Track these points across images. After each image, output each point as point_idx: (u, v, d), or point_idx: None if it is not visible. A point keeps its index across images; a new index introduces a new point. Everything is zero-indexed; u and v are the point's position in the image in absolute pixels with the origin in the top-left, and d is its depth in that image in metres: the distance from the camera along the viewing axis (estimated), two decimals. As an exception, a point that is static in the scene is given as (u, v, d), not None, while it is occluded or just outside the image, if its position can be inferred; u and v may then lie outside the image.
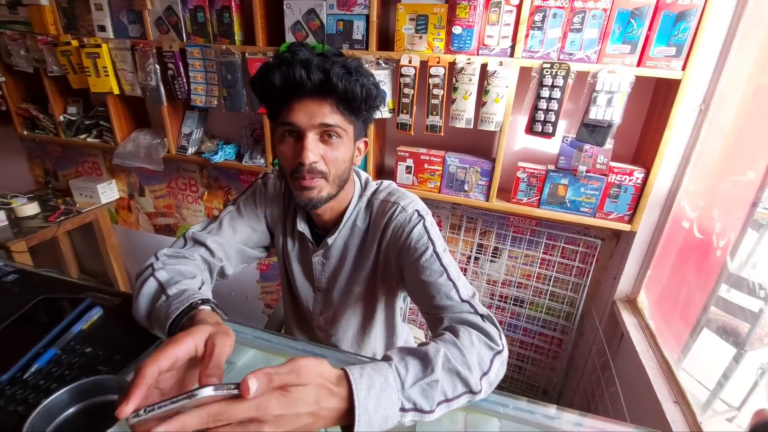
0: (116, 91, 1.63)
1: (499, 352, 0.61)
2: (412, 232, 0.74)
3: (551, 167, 1.35)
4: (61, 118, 1.81)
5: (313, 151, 0.67)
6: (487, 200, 1.41)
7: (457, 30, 1.21)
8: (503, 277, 1.67)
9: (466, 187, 1.43)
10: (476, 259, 1.68)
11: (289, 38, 1.38)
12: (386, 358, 0.53)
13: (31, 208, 1.88)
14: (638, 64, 1.15)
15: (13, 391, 0.57)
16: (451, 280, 0.69)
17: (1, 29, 1.71)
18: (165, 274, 0.66)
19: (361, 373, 0.46)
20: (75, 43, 1.58)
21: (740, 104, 1.12)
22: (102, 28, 1.55)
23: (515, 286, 1.67)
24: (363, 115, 0.72)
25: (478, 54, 1.24)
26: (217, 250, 0.80)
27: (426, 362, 0.52)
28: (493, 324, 0.65)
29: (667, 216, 1.29)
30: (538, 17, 1.16)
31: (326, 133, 0.68)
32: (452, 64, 1.26)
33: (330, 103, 0.66)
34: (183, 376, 0.46)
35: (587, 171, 1.29)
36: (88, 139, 1.83)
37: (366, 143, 0.79)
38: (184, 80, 1.54)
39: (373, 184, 0.85)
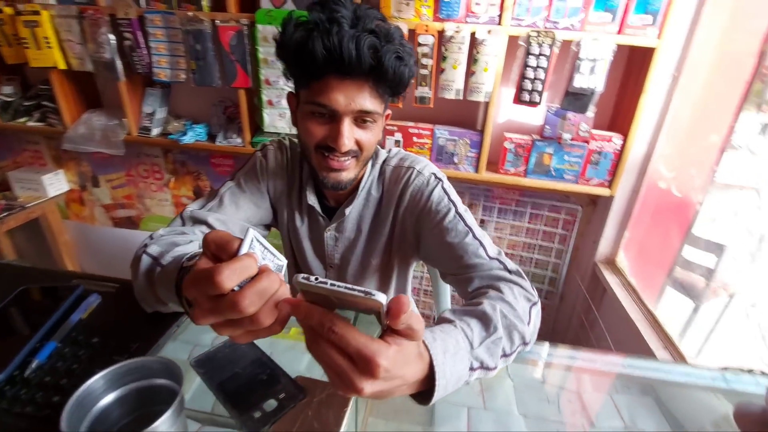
0: (62, 66, 1.44)
1: (535, 303, 0.62)
2: (432, 195, 0.73)
3: (536, 137, 1.38)
4: (-7, 99, 1.58)
5: (349, 137, 0.63)
6: (477, 172, 1.43)
7: (446, -4, 1.19)
8: (489, 248, 1.71)
9: (455, 160, 1.43)
10: (462, 232, 1.70)
11: (265, 4, 1.29)
12: (445, 321, 0.51)
13: (-39, 205, 1.64)
14: (618, 32, 1.19)
15: (14, 392, 0.49)
16: (477, 239, 0.69)
17: None
18: (157, 248, 0.59)
19: (434, 337, 0.44)
20: (9, 10, 1.37)
21: (708, 73, 1.21)
22: (40, -7, 1.36)
23: (500, 256, 1.71)
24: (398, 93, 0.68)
25: (466, 22, 1.23)
26: (220, 227, 0.73)
27: (486, 321, 0.52)
28: (523, 277, 0.66)
29: (642, 179, 1.37)
30: (525, -16, 1.17)
31: (362, 118, 0.63)
32: (441, 33, 1.23)
33: (371, 86, 0.61)
34: None
35: (571, 139, 1.34)
36: (29, 123, 1.61)
37: (388, 115, 0.74)
38: (145, 52, 1.39)
39: (383, 152, 0.82)
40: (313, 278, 0.33)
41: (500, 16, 1.21)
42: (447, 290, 1.05)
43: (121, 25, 1.34)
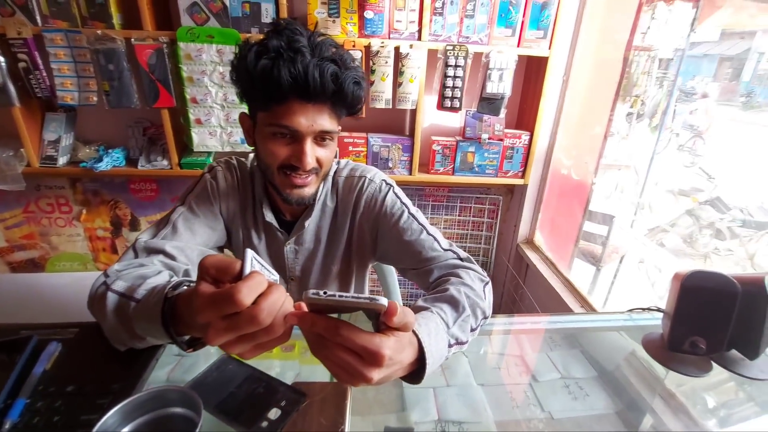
0: (-67, 94, 1.23)
1: (487, 283, 0.72)
2: (386, 200, 0.79)
3: (459, 138, 1.54)
4: None
5: (311, 156, 0.67)
6: (411, 174, 1.54)
7: (369, 14, 1.28)
8: (427, 243, 1.84)
9: (390, 164, 1.53)
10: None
11: (186, 21, 1.25)
12: (419, 309, 0.58)
13: None
14: (518, 45, 1.39)
15: (-8, 457, 0.45)
16: (430, 234, 0.77)
17: None
18: (123, 284, 0.57)
19: (419, 323, 0.50)
20: None
21: (589, 75, 1.46)
22: None
23: (438, 249, 1.85)
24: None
25: (389, 38, 1.33)
26: (179, 255, 0.70)
27: (455, 304, 0.60)
28: (473, 263, 0.76)
29: (548, 167, 1.60)
30: (438, 4, 1.30)
31: (322, 137, 0.67)
32: (368, 48, 1.32)
33: (330, 108, 0.66)
34: None
35: (489, 138, 1.52)
36: None
37: (340, 129, 0.80)
38: (44, 74, 1.26)
39: (332, 165, 0.87)
40: (322, 293, 0.37)
41: (419, 32, 1.33)
42: (396, 287, 1.13)
43: (13, 45, 1.19)
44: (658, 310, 0.77)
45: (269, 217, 0.80)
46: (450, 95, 1.41)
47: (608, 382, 0.70)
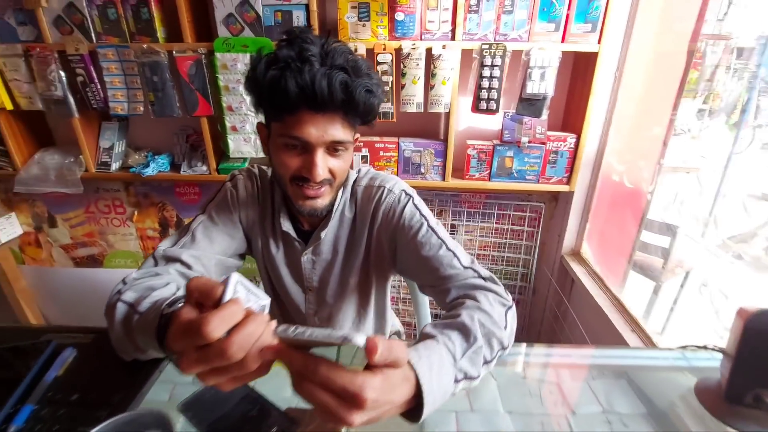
0: (9, 107, 1.38)
1: (510, 307, 0.64)
2: (404, 212, 0.75)
3: (497, 142, 1.44)
4: (-68, 145, 1.48)
5: (323, 167, 0.65)
6: (444, 180, 1.47)
7: (399, 16, 1.23)
8: (463, 252, 1.76)
9: (422, 170, 1.47)
10: (436, 238, 1.74)
11: (222, 32, 1.29)
12: (426, 336, 0.53)
13: None
14: (562, 41, 1.27)
15: (-7, 463, 0.47)
16: (450, 250, 0.71)
17: None
18: (132, 294, 0.58)
19: (419, 355, 0.46)
20: (-57, 52, 1.30)
21: (646, 70, 1.31)
22: (-21, 33, 1.30)
23: (474, 258, 1.76)
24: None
25: (421, 39, 1.28)
26: (195, 264, 0.72)
27: (466, 332, 0.54)
28: (497, 283, 0.68)
29: (598, 173, 1.46)
30: (473, 1, 1.23)
31: (334, 147, 0.66)
32: (398, 50, 1.28)
33: (342, 117, 0.64)
34: None
35: (529, 142, 1.41)
36: (-25, 168, 1.52)
37: (358, 138, 0.75)
38: (99, 87, 1.35)
39: (353, 173, 0.84)
40: (291, 330, 0.34)
41: (453, 31, 1.27)
42: (425, 299, 1.08)
43: (72, 61, 1.30)
44: (718, 350, 0.65)
45: (287, 226, 0.79)
46: (486, 96, 1.33)
47: (659, 422, 0.60)
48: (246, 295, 0.39)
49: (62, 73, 1.31)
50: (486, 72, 1.29)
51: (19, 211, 1.80)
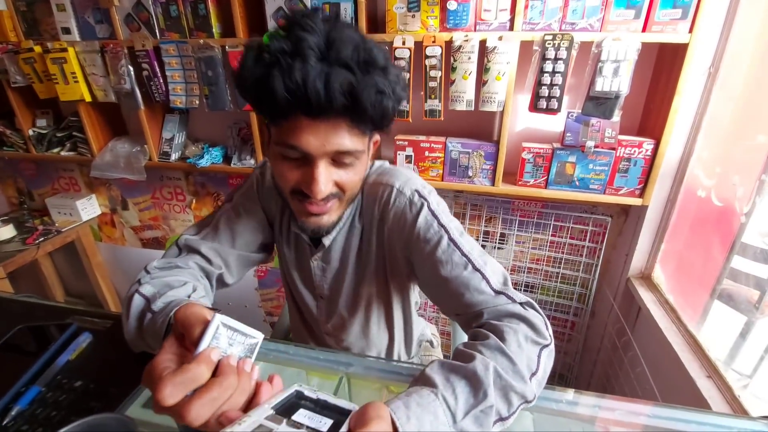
0: (88, 98, 1.52)
1: (546, 346, 0.53)
2: (418, 221, 0.63)
3: (557, 145, 1.29)
4: (31, 132, 1.68)
5: (326, 181, 0.55)
6: (493, 185, 1.35)
7: (452, 5, 1.14)
8: (512, 263, 1.62)
9: (470, 173, 1.37)
10: (483, 246, 1.62)
11: (272, 26, 1.29)
12: (428, 381, 0.45)
13: (6, 231, 1.75)
14: (643, 30, 1.10)
15: (-8, 441, 0.49)
16: (477, 270, 0.59)
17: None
18: (150, 288, 0.57)
19: (408, 415, 0.39)
20: (38, 49, 1.46)
21: (750, 65, 1.08)
22: (66, 31, 1.44)
23: (525, 271, 1.61)
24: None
25: (475, 30, 1.17)
26: (214, 258, 0.70)
27: (476, 384, 0.45)
28: (537, 311, 0.56)
29: (679, 187, 1.24)
30: (536, -14, 1.10)
31: (340, 158, 0.55)
32: (449, 43, 1.18)
33: (348, 124, 0.52)
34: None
35: (595, 146, 1.24)
36: (62, 153, 1.71)
37: (376, 142, 0.65)
38: (161, 80, 1.44)
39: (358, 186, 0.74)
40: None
41: (512, 21, 1.15)
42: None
43: (138, 56, 1.39)
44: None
45: (296, 228, 0.72)
46: (546, 94, 1.19)
47: None
48: (230, 338, 0.37)
49: (131, 68, 1.41)
50: (548, 66, 1.15)
51: (99, 194, 1.99)
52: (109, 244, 2.13)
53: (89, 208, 1.95)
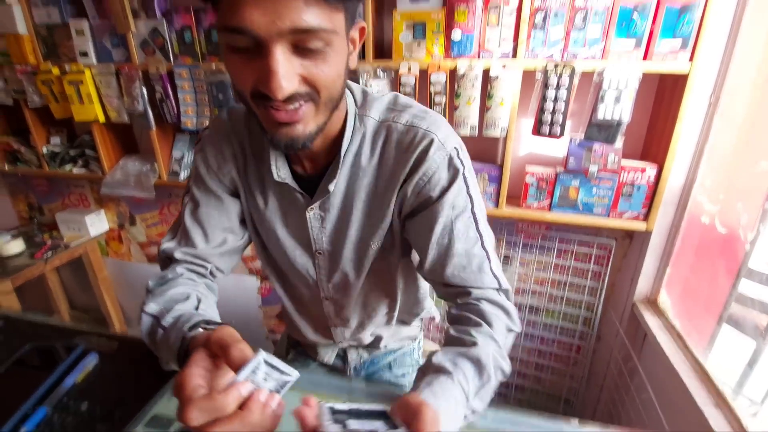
0: (101, 119, 1.56)
1: (515, 332, 0.60)
2: (452, 186, 0.57)
3: (560, 170, 1.30)
4: (44, 150, 1.73)
5: (287, 75, 0.42)
6: (497, 207, 1.36)
7: (456, 35, 1.18)
8: (516, 285, 1.61)
9: (473, 195, 1.38)
10: (487, 268, 1.62)
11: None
12: (440, 369, 0.50)
13: (15, 246, 1.78)
14: (644, 58, 1.12)
15: (-2, 465, 0.49)
16: (485, 249, 0.59)
17: (-22, 61, 1.63)
18: (155, 306, 0.57)
19: (438, 403, 0.44)
20: (56, 71, 1.51)
21: (752, 93, 1.10)
22: (84, 54, 1.49)
23: (529, 293, 1.61)
24: None
25: (479, 57, 1.21)
26: (195, 260, 0.66)
27: (480, 368, 0.51)
28: (511, 298, 0.62)
29: (683, 212, 1.25)
30: (538, 18, 1.13)
31: (303, 42, 0.42)
32: (453, 71, 1.22)
33: None
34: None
35: (599, 171, 1.25)
36: (74, 170, 1.75)
37: (362, 29, 0.52)
38: (173, 103, 1.48)
39: (380, 99, 0.62)
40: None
41: (515, 48, 1.18)
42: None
43: (152, 79, 1.44)
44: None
45: (282, 173, 0.59)
46: (549, 119, 1.21)
47: None
48: (267, 373, 0.39)
49: (144, 90, 1.46)
50: (550, 93, 1.18)
51: (107, 209, 2.03)
52: (116, 260, 2.15)
53: (97, 223, 1.98)
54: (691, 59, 1.08)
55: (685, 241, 1.28)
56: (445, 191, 0.57)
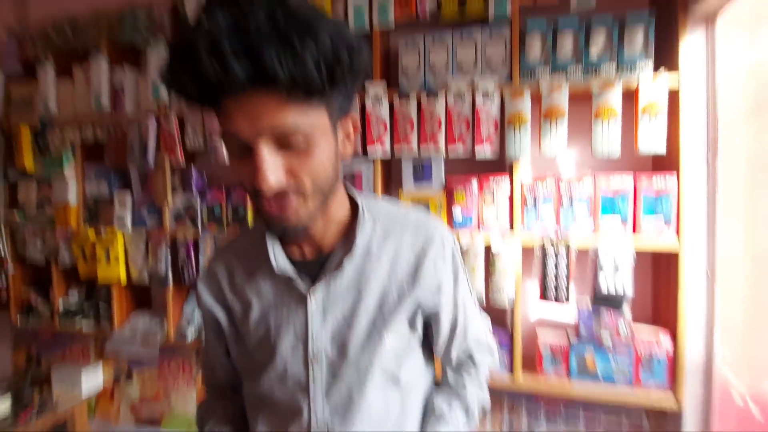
0: (123, 282, 1.64)
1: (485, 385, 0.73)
2: (455, 259, 0.65)
3: (573, 339, 1.28)
4: (61, 304, 1.77)
5: (272, 169, 0.46)
6: (511, 372, 1.30)
7: (456, 213, 1.30)
8: (543, 465, 1.42)
9: (485, 363, 1.33)
10: (507, 444, 1.45)
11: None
12: (439, 412, 0.66)
13: (1, 406, 1.67)
14: (634, 231, 1.20)
15: None
16: (482, 317, 0.75)
17: (27, 223, 1.79)
18: None
19: None
20: (92, 234, 1.64)
21: (751, 267, 1.13)
22: (121, 220, 1.64)
23: (559, 477, 1.40)
24: (339, 89, 0.47)
25: (479, 230, 1.30)
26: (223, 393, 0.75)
27: (469, 413, 0.68)
28: (494, 352, 0.74)
29: (710, 387, 1.17)
30: (530, 201, 1.26)
31: (285, 138, 0.46)
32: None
33: (279, 94, 0.44)
34: None
35: (611, 338, 1.23)
36: (83, 325, 1.75)
37: (356, 121, 0.56)
38: (194, 266, 1.57)
39: (378, 198, 0.72)
40: None
41: (511, 224, 1.28)
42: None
43: (178, 244, 1.56)
44: None
45: (281, 262, 0.58)
46: (553, 286, 1.24)
47: None
48: None
49: (168, 252, 1.56)
50: (551, 264, 1.24)
51: (106, 362, 1.95)
52: (102, 421, 1.98)
53: (93, 380, 1.88)
54: (677, 234, 1.15)
55: (723, 421, 1.16)
56: (450, 267, 0.65)
